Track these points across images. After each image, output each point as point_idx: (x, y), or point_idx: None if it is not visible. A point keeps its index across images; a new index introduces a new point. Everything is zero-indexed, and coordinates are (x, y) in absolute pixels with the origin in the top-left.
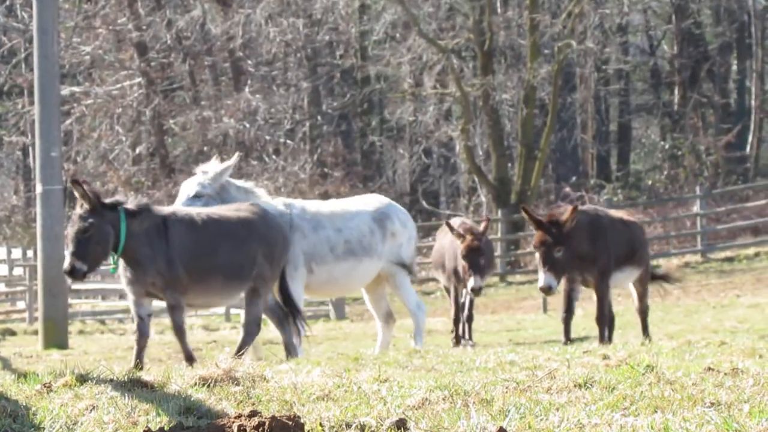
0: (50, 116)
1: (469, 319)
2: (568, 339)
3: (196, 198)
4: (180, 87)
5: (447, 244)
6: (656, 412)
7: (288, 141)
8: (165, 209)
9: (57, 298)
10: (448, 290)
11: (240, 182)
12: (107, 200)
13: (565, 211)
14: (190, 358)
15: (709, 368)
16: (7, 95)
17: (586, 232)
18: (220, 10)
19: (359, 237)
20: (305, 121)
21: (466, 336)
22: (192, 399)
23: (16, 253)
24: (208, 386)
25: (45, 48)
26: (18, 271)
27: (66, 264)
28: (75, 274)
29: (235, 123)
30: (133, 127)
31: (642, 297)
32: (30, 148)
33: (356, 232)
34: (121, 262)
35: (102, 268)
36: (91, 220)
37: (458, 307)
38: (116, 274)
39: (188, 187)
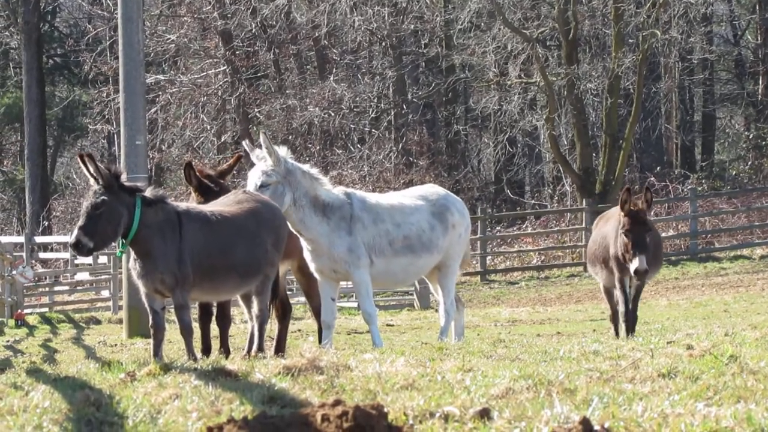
0: (135, 104)
1: (630, 317)
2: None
3: (263, 188)
4: (265, 75)
5: (610, 231)
6: (739, 402)
7: (373, 130)
8: (181, 205)
9: None
10: (609, 292)
11: (305, 167)
12: (127, 183)
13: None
14: (195, 359)
15: None
16: (92, 83)
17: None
18: None
19: (418, 233)
20: (390, 110)
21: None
22: (276, 388)
23: None
24: (292, 376)
25: (130, 36)
26: (102, 259)
27: (72, 237)
28: (80, 248)
29: (320, 112)
30: (218, 116)
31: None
32: (115, 137)
33: (416, 228)
34: (132, 255)
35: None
36: (104, 198)
37: (625, 302)
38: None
39: (254, 176)
